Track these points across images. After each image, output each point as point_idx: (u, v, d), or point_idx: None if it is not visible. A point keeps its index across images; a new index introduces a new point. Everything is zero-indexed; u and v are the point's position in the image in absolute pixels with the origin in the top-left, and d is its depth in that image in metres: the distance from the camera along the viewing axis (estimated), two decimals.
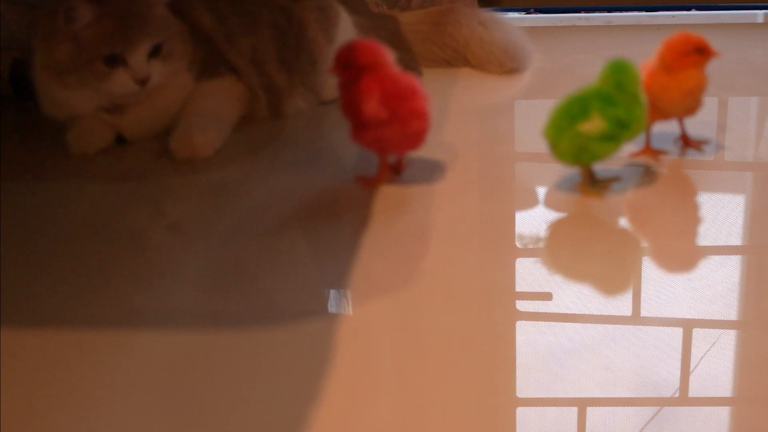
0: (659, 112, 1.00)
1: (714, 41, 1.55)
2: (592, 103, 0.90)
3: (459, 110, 1.00)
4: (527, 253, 0.86)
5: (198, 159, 1.07)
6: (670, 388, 0.64)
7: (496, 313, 0.75)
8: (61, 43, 1.06)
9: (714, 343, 0.69)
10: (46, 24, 1.07)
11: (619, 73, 0.91)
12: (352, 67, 0.93)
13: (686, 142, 1.05)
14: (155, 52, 1.07)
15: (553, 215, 0.92)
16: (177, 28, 1.11)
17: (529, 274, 0.82)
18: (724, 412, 0.62)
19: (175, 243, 0.91)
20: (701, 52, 0.97)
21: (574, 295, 0.77)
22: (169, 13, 1.11)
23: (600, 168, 0.96)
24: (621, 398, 0.63)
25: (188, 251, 0.89)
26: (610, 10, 1.67)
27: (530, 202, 0.95)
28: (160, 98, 1.12)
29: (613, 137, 0.90)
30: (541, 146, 0.95)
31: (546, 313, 0.75)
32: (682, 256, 0.84)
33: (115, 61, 1.05)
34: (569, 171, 0.98)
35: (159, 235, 0.93)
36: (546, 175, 0.99)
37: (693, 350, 0.68)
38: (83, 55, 1.05)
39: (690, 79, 0.97)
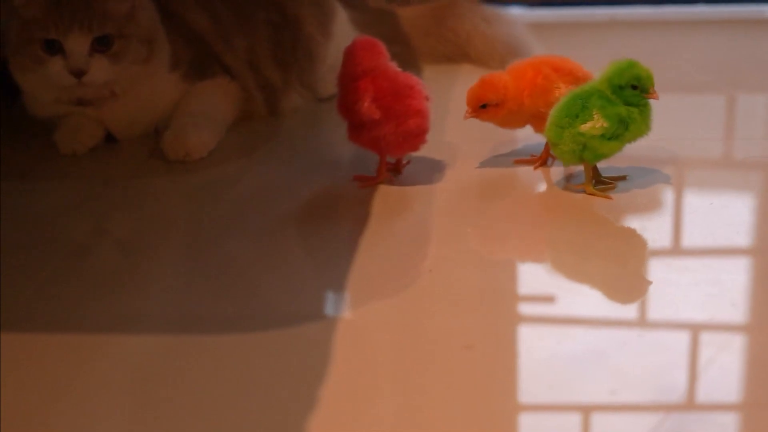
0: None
1: (722, 37, 1.54)
2: (593, 101, 0.89)
3: (460, 108, 1.00)
4: (529, 254, 0.85)
5: (191, 160, 1.06)
6: (677, 393, 0.63)
7: (498, 316, 0.74)
8: (13, 24, 1.05)
9: (722, 347, 0.68)
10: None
11: (622, 72, 0.90)
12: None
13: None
14: (102, 48, 1.04)
15: (556, 215, 0.91)
16: (145, 30, 1.08)
17: (532, 276, 0.81)
18: (732, 418, 0.62)
19: (168, 243, 0.90)
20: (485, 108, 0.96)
21: (577, 298, 0.76)
22: (140, 13, 1.08)
23: (605, 166, 0.95)
24: (626, 403, 0.62)
25: (181, 252, 0.88)
26: (614, 5, 1.66)
27: (532, 201, 0.94)
28: (138, 96, 1.10)
29: (616, 136, 0.90)
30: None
31: (549, 316, 0.74)
32: (689, 257, 0.82)
33: (53, 47, 1.03)
34: (572, 170, 0.97)
35: (151, 235, 0.92)
36: (549, 175, 0.98)
37: (700, 354, 0.67)
38: (24, 36, 1.04)
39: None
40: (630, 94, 0.89)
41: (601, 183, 0.94)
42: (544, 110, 0.94)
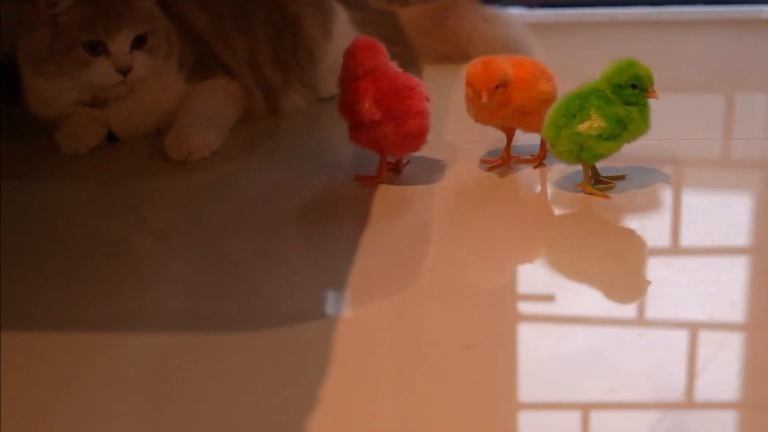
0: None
1: (721, 37, 1.54)
2: (590, 101, 0.89)
3: (460, 108, 1.00)
4: (529, 253, 0.85)
5: (193, 160, 1.06)
6: (676, 392, 0.63)
7: (498, 315, 0.74)
8: (39, 30, 1.06)
9: (720, 346, 0.67)
10: (27, 13, 1.07)
11: (621, 71, 0.90)
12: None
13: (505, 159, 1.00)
14: (139, 44, 1.07)
15: (555, 215, 0.91)
16: (164, 26, 1.11)
17: (531, 275, 0.81)
18: (730, 416, 0.62)
19: (168, 243, 0.90)
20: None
21: (577, 297, 0.76)
22: (156, 9, 1.10)
23: (604, 166, 0.95)
24: (625, 402, 0.63)
25: (182, 252, 0.88)
26: (614, 6, 1.66)
27: (531, 201, 0.94)
28: (146, 94, 1.11)
29: (614, 136, 0.89)
30: None
31: (548, 315, 0.74)
32: (688, 256, 0.82)
33: (96, 49, 1.05)
34: (572, 169, 0.97)
35: (152, 235, 0.92)
36: (548, 174, 0.98)
37: (699, 353, 0.67)
38: (62, 42, 1.05)
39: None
40: (630, 93, 0.89)
41: (600, 182, 0.94)
42: (528, 104, 0.93)
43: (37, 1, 1.04)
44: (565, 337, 0.71)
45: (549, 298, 0.76)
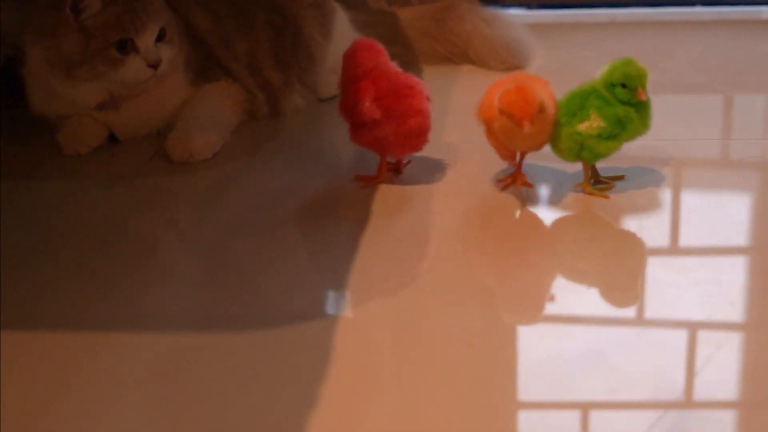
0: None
1: (720, 38, 1.54)
2: (590, 101, 0.89)
3: (460, 108, 1.00)
4: (528, 253, 0.85)
5: (195, 161, 1.06)
6: (675, 391, 0.63)
7: (497, 314, 0.74)
8: (67, 36, 1.06)
9: (720, 346, 0.68)
10: (45, 19, 1.07)
11: (614, 70, 0.90)
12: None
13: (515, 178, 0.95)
14: (160, 37, 1.08)
15: (555, 215, 0.91)
16: (172, 17, 1.12)
17: (531, 275, 0.81)
18: (729, 415, 0.62)
19: (170, 244, 0.90)
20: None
21: (576, 297, 0.76)
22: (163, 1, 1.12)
23: (603, 166, 0.96)
24: (625, 401, 0.63)
25: (184, 252, 0.88)
26: (614, 7, 1.66)
27: (532, 201, 0.94)
28: (153, 96, 1.12)
29: (614, 136, 0.90)
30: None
31: (548, 314, 0.74)
32: (687, 256, 0.83)
33: (125, 47, 1.06)
34: (572, 169, 0.97)
35: (154, 235, 0.92)
36: (548, 174, 0.98)
37: (698, 353, 0.67)
38: (93, 45, 1.06)
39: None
40: (620, 93, 0.89)
41: (599, 183, 0.94)
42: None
43: (54, 7, 1.04)
44: (564, 336, 0.71)
45: (549, 298, 0.76)
